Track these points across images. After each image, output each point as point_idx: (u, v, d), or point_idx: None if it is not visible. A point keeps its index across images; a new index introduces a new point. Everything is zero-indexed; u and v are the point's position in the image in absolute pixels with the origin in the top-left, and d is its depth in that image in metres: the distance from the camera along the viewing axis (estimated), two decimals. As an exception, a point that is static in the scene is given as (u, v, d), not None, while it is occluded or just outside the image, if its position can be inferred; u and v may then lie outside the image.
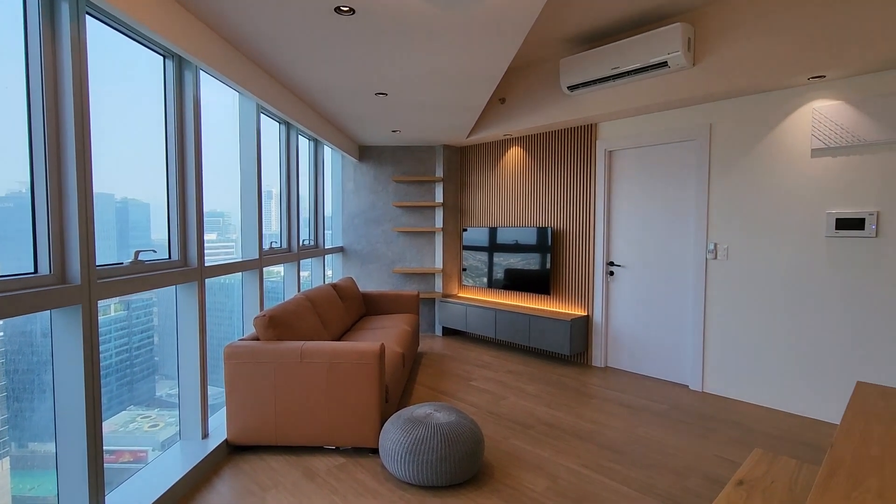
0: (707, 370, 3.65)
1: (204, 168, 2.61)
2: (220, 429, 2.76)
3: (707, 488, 2.32)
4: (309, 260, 4.96)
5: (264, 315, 2.70)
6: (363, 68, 3.02)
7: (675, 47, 3.20)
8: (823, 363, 3.11)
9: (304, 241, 4.63)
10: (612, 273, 4.26)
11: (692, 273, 3.73)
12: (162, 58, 2.40)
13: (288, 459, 2.60)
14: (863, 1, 2.66)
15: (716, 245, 3.56)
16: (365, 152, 5.56)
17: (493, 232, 5.13)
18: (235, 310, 3.52)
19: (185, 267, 2.51)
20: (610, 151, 4.22)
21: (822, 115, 3.04)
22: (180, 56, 2.43)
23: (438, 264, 5.54)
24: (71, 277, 1.75)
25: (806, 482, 1.62)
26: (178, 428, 2.63)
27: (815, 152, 3.10)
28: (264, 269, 3.47)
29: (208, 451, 2.48)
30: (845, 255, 3.01)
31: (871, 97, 2.87)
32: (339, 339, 3.67)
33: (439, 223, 5.51)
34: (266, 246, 3.68)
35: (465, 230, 5.46)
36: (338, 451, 2.70)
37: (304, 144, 4.67)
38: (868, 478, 1.08)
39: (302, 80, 3.26)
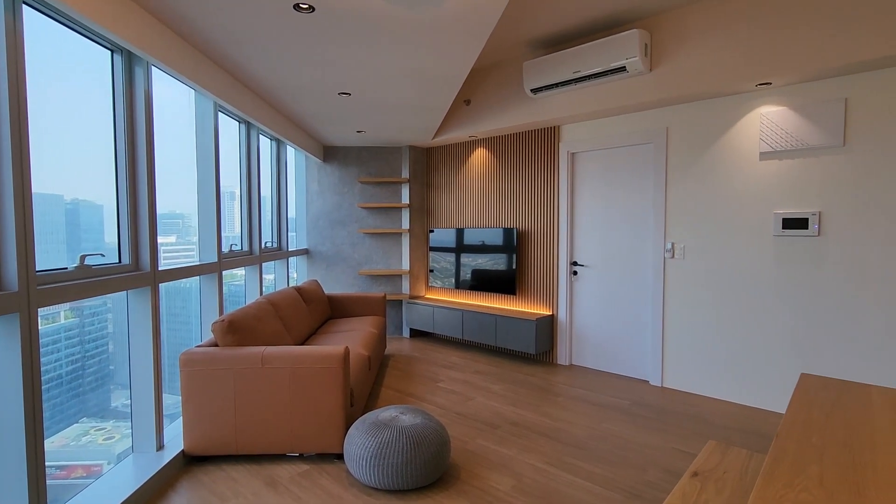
0: (666, 365, 3.77)
1: (159, 168, 2.51)
2: (176, 439, 2.66)
3: (666, 481, 2.39)
4: (272, 263, 4.84)
5: (223, 320, 2.61)
6: (325, 67, 2.97)
7: (632, 53, 3.30)
8: (773, 356, 3.27)
9: (266, 243, 4.52)
10: (575, 273, 4.34)
11: (651, 272, 3.85)
12: (110, 52, 2.29)
13: (249, 468, 2.52)
14: (803, 15, 2.82)
15: (673, 244, 3.69)
16: (329, 153, 5.48)
17: (459, 233, 5.15)
18: (194, 315, 3.40)
19: (137, 271, 2.40)
20: (572, 153, 4.31)
21: (768, 119, 3.19)
22: (130, 51, 2.32)
23: (405, 266, 5.51)
24: (7, 284, 1.64)
25: (755, 471, 1.70)
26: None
27: (763, 155, 3.25)
28: (224, 272, 3.36)
29: (163, 463, 2.38)
30: (791, 253, 3.17)
31: (812, 104, 3.03)
32: (303, 343, 3.59)
33: (406, 224, 5.48)
34: (226, 248, 3.57)
35: (432, 231, 5.46)
36: (301, 457, 2.64)
37: (265, 144, 4.56)
38: (809, 465, 1.14)
39: (262, 78, 3.18)
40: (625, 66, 3.38)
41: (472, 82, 4.65)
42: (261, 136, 4.29)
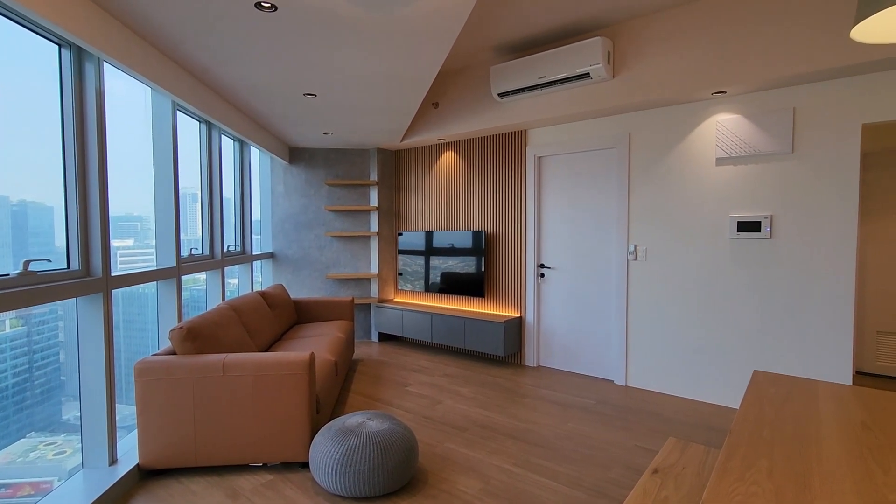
0: (630, 365, 3.86)
1: (114, 168, 2.40)
2: (131, 453, 2.54)
3: (629, 478, 2.44)
4: (235, 267, 4.71)
5: (181, 327, 2.52)
6: (290, 68, 2.92)
7: (595, 60, 3.38)
8: (729, 354, 3.40)
9: (229, 246, 4.39)
10: (542, 275, 4.41)
11: (615, 274, 3.94)
12: (57, 47, 2.18)
13: (210, 481, 2.43)
14: (753, 28, 2.95)
15: (636, 247, 3.79)
16: (295, 154, 5.38)
17: (429, 236, 5.14)
18: (151, 323, 3.26)
19: (88, 277, 2.29)
20: (539, 157, 4.38)
21: (724, 126, 3.33)
22: (79, 46, 2.21)
23: (374, 269, 5.46)
24: (-60, 292, 1.53)
25: (712, 466, 1.76)
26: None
27: (719, 161, 3.39)
28: (184, 277, 3.24)
29: (117, 479, 2.26)
30: (746, 255, 3.31)
31: (763, 112, 3.18)
32: (267, 349, 3.50)
33: (374, 227, 5.44)
34: (186, 252, 3.44)
35: (401, 234, 5.43)
36: (265, 467, 2.57)
37: (228, 145, 4.44)
38: (760, 459, 1.18)
39: (223, 77, 3.09)
40: (589, 73, 3.46)
41: (441, 85, 4.66)
42: (223, 136, 4.17)
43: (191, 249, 3.54)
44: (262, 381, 2.48)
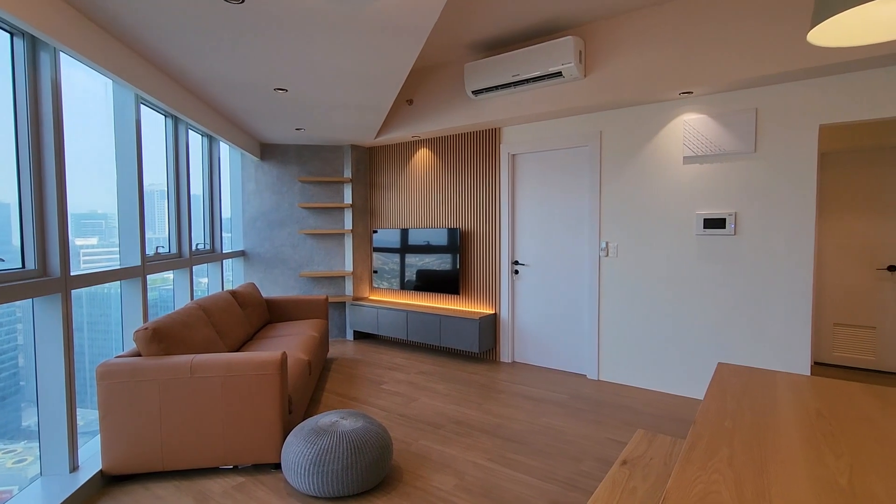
0: (602, 359, 3.94)
1: (74, 163, 2.30)
2: (94, 459, 2.45)
3: (599, 469, 2.49)
4: (205, 266, 4.59)
5: (146, 328, 2.44)
6: (259, 62, 2.85)
7: (567, 59, 3.42)
8: (696, 347, 3.50)
9: (197, 245, 4.27)
10: (517, 272, 4.45)
11: (588, 270, 4.01)
12: (9, 36, 2.08)
13: (178, 485, 2.37)
14: (719, 30, 3.04)
15: (607, 244, 3.87)
16: (267, 150, 5.27)
17: (404, 233, 5.12)
18: (115, 324, 3.15)
19: (45, 277, 2.19)
20: (513, 155, 4.41)
21: (691, 126, 3.42)
22: (33, 35, 2.11)
23: (348, 267, 5.41)
24: None
25: (678, 456, 1.81)
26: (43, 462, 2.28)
27: (686, 160, 3.48)
28: (151, 277, 3.14)
29: (78, 486, 2.18)
30: (711, 251, 3.41)
31: (727, 113, 3.28)
32: (238, 349, 3.43)
33: (348, 225, 5.38)
34: (151, 251, 3.34)
35: (376, 232, 5.39)
36: (236, 470, 2.52)
37: (196, 140, 4.31)
38: (721, 448, 1.22)
39: (190, 70, 3.00)
40: (561, 72, 3.50)
41: (415, 82, 4.64)
42: (191, 131, 4.06)
43: (157, 248, 3.43)
44: (232, 382, 2.43)
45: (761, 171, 3.21)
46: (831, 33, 1.32)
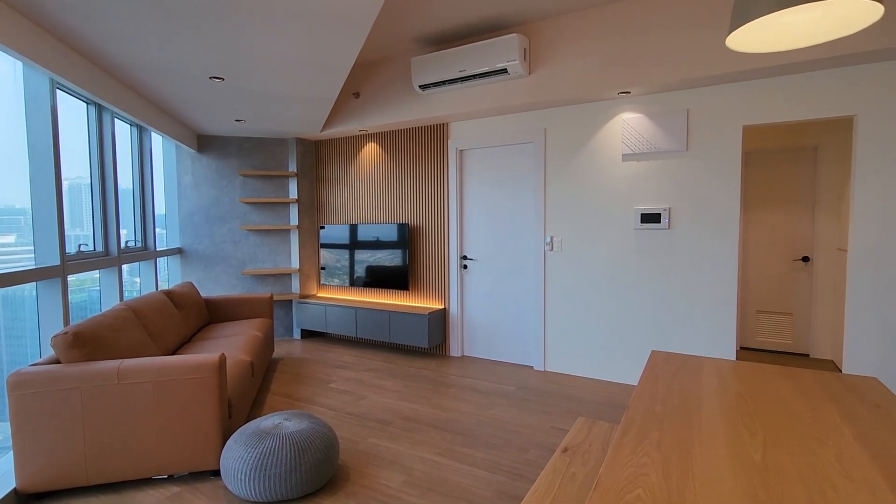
0: (548, 350, 4.05)
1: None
2: (7, 476, 2.24)
3: (544, 458, 2.57)
4: (137, 265, 4.30)
5: (66, 332, 2.25)
6: (192, 48, 2.69)
7: (512, 56, 3.47)
8: (636, 335, 3.67)
9: (127, 242, 4.00)
10: (465, 266, 4.48)
11: (534, 264, 4.10)
12: None
13: (106, 499, 2.21)
14: (655, 33, 3.18)
15: (552, 238, 3.97)
16: (205, 142, 5.00)
17: (352, 229, 5.03)
18: (31, 329, 2.89)
19: (-58, 279, 1.97)
20: (461, 150, 4.43)
21: (629, 125, 3.56)
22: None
23: (295, 264, 5.25)
24: None
25: (615, 441, 1.89)
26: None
27: (625, 157, 3.62)
28: (72, 277, 2.91)
29: (-13, 508, 1.99)
30: (648, 245, 3.58)
31: (662, 112, 3.45)
32: (174, 352, 3.25)
33: (294, 221, 5.22)
34: (73, 249, 3.09)
35: (323, 227, 5.26)
36: (171, 479, 2.39)
37: (124, 130, 4.02)
38: (651, 432, 1.28)
39: (114, 55, 2.78)
40: (506, 69, 3.54)
41: (361, 75, 4.56)
42: (117, 120, 3.78)
43: (79, 246, 3.18)
44: (166, 387, 2.29)
45: (692, 168, 3.40)
46: (747, 40, 1.41)
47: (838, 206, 4.13)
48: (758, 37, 1.40)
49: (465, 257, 4.48)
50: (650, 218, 3.53)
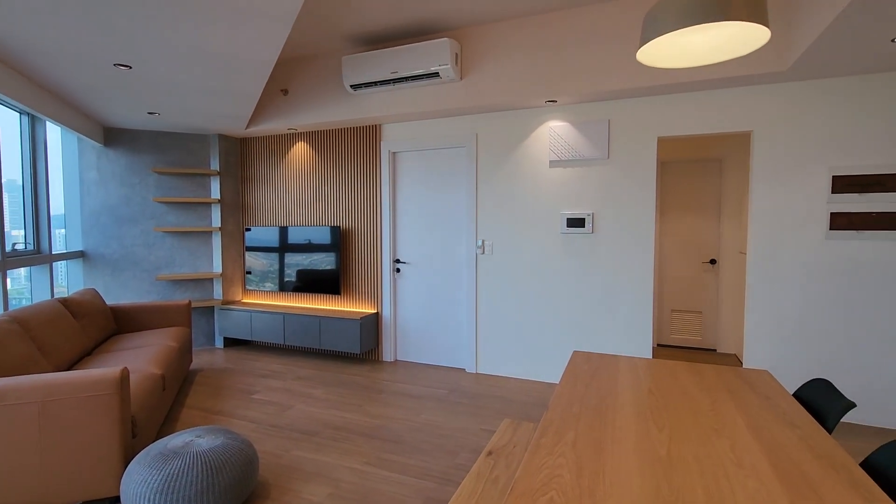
0: (480, 353, 4.10)
1: None
2: None
3: (473, 461, 2.57)
4: (28, 270, 3.84)
5: (-72, 349, 1.95)
6: (93, 31, 2.44)
7: (444, 60, 3.48)
8: (562, 335, 3.80)
9: (15, 244, 3.55)
10: (398, 270, 4.43)
11: (466, 267, 4.13)
12: None
13: (-23, 539, 1.93)
14: (577, 46, 3.32)
15: (483, 242, 4.02)
16: (113, 136, 4.58)
17: (281, 231, 4.81)
18: None
19: None
20: (394, 153, 4.38)
21: (555, 132, 3.69)
22: None
23: (217, 268, 4.93)
24: None
25: (539, 441, 1.92)
26: None
27: (552, 163, 3.75)
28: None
29: None
30: (573, 248, 3.73)
31: (586, 122, 3.61)
32: (71, 367, 2.92)
33: (217, 222, 4.91)
34: (-58, 253, 2.69)
35: (249, 230, 4.99)
36: (62, 510, 2.13)
37: (11, 119, 3.58)
38: (568, 432, 1.31)
39: (-6, 32, 2.46)
40: (438, 72, 3.55)
41: (290, 71, 4.38)
42: (3, 107, 3.35)
43: (-48, 249, 2.78)
44: (55, 408, 2.04)
45: (613, 176, 3.58)
46: (655, 55, 1.49)
47: (739, 213, 4.53)
48: (663, 53, 1.49)
49: (398, 261, 4.43)
50: (575, 222, 3.68)
